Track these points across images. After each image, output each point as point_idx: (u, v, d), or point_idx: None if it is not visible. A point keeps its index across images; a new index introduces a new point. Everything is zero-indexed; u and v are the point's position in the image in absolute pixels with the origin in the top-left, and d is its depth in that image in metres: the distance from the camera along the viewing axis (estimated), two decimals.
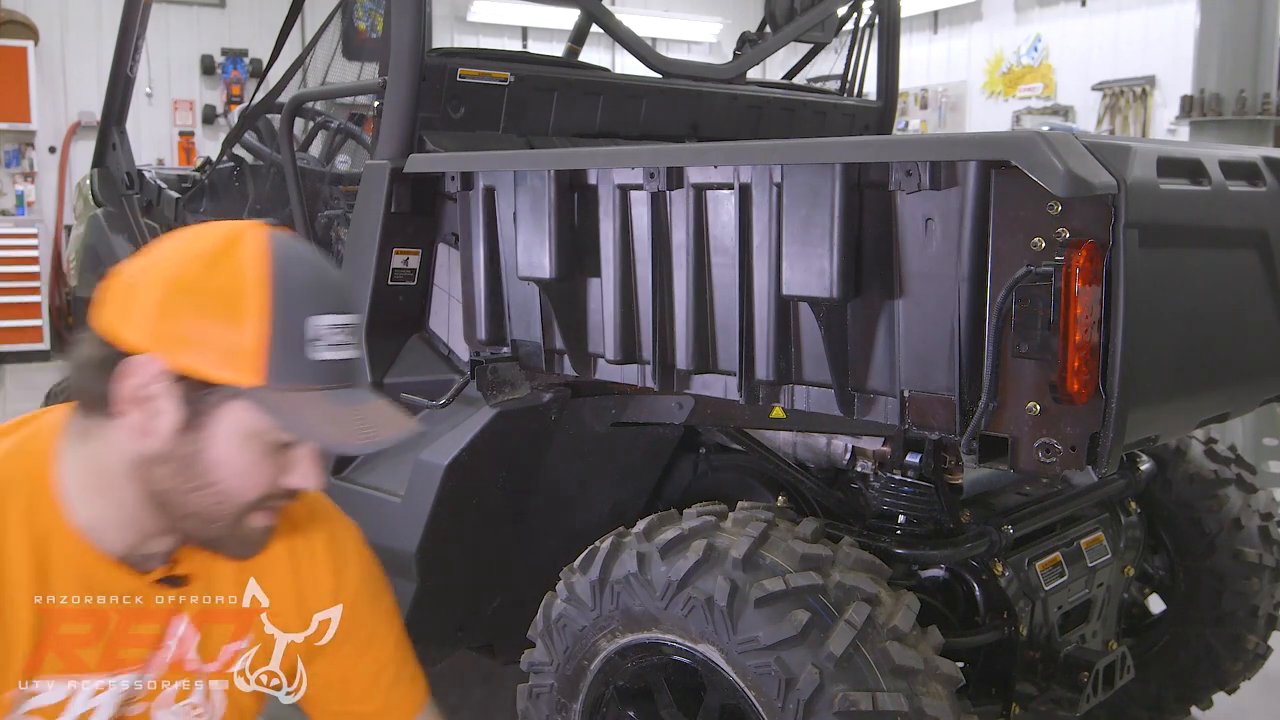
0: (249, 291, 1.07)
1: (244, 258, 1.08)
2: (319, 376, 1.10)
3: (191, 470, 1.10)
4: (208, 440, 1.09)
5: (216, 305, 1.07)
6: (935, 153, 1.50)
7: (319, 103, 2.95)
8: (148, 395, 1.07)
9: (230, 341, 1.06)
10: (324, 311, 1.10)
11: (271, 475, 1.13)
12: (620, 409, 2.19)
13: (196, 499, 1.12)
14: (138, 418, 1.08)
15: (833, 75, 3.33)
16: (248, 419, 1.09)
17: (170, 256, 1.11)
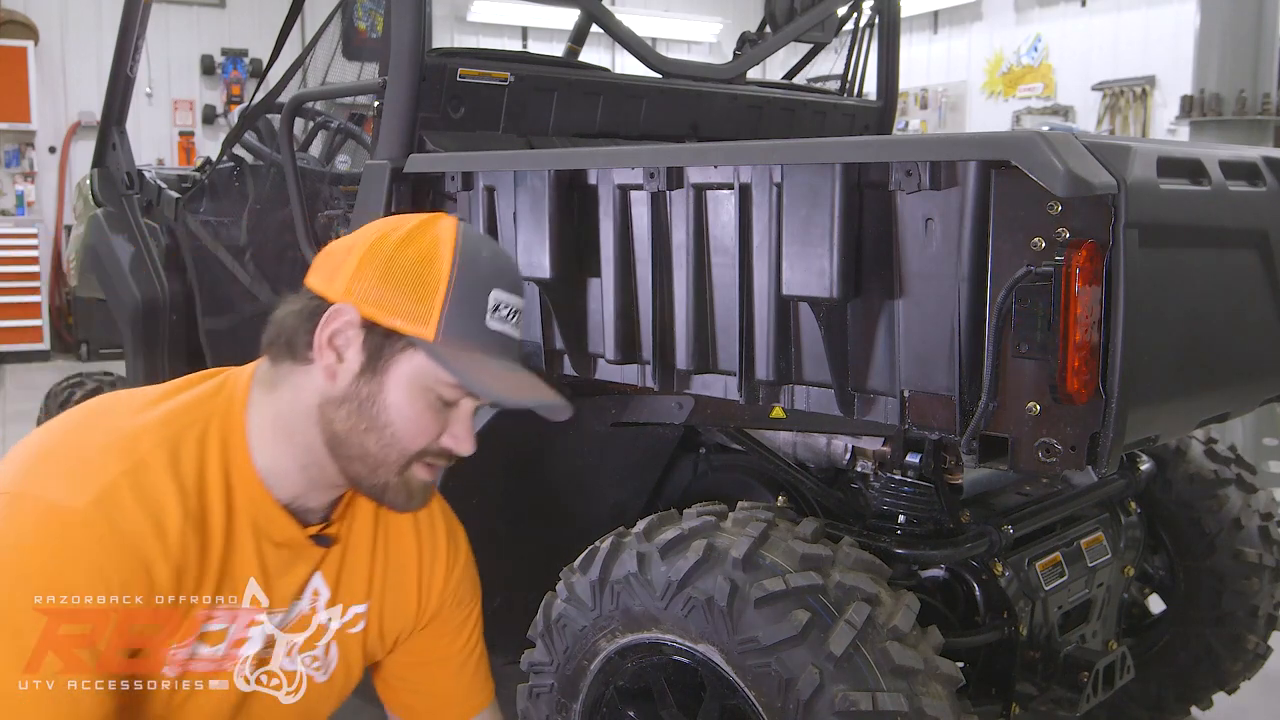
0: (436, 260, 1.23)
1: (436, 234, 1.25)
2: (488, 343, 1.25)
3: (367, 412, 1.24)
4: (384, 385, 1.24)
5: (407, 269, 1.22)
6: (935, 153, 1.50)
7: (319, 103, 2.95)
8: (340, 339, 1.23)
9: (414, 300, 1.22)
10: (503, 288, 1.27)
11: (435, 429, 1.27)
12: (620, 409, 2.19)
13: (368, 440, 1.25)
14: (329, 359, 1.23)
15: (833, 75, 3.33)
16: (421, 368, 1.23)
17: (373, 230, 1.27)
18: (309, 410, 1.26)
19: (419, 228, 1.26)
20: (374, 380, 1.24)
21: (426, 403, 1.25)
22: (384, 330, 1.22)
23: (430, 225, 1.26)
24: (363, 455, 1.26)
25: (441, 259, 1.23)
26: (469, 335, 1.24)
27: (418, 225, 1.26)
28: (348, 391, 1.24)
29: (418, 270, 1.23)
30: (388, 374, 1.24)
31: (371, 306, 1.22)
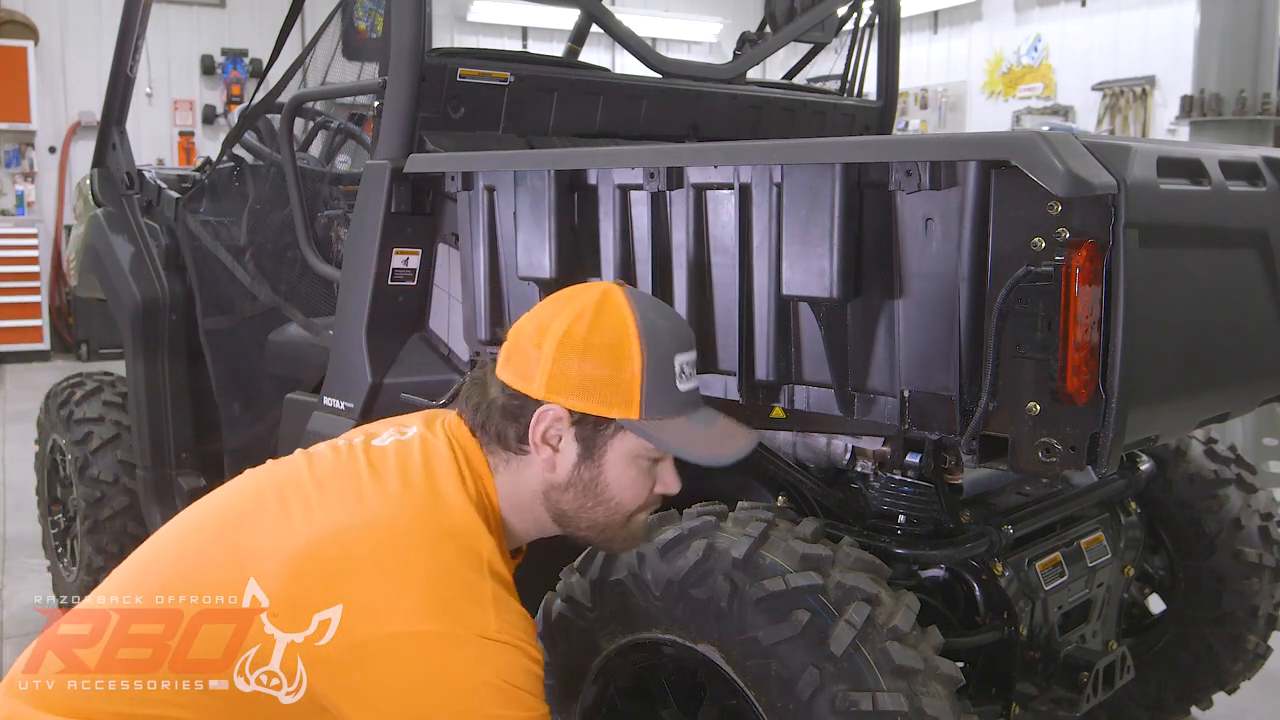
0: (625, 341, 1.34)
1: (616, 314, 1.35)
2: (683, 404, 1.38)
3: (590, 492, 1.39)
4: (602, 467, 1.37)
5: (602, 356, 1.34)
6: (935, 153, 1.50)
7: (319, 103, 2.95)
8: (553, 437, 1.36)
9: (615, 384, 1.33)
10: (682, 350, 1.39)
11: (649, 486, 1.42)
12: None
13: (596, 513, 1.40)
14: (546, 454, 1.37)
15: (833, 75, 3.33)
16: (632, 445, 1.37)
17: (557, 317, 1.37)
18: (534, 494, 1.40)
19: (600, 311, 1.35)
20: (592, 465, 1.37)
21: (640, 470, 1.39)
22: (593, 420, 1.35)
23: (608, 305, 1.36)
24: (591, 525, 1.42)
25: (629, 339, 1.34)
26: (668, 404, 1.36)
27: (597, 307, 1.35)
28: (570, 479, 1.38)
29: (612, 356, 1.33)
30: (604, 457, 1.37)
31: (578, 400, 1.34)
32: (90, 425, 3.30)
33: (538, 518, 1.43)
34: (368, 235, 2.22)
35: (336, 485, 1.35)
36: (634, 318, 1.35)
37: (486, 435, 1.41)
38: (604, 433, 1.35)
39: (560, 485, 1.38)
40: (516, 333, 1.41)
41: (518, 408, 1.36)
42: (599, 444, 1.36)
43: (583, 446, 1.36)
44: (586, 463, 1.36)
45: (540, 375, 1.34)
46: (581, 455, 1.36)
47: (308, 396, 2.49)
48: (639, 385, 1.33)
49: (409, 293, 2.29)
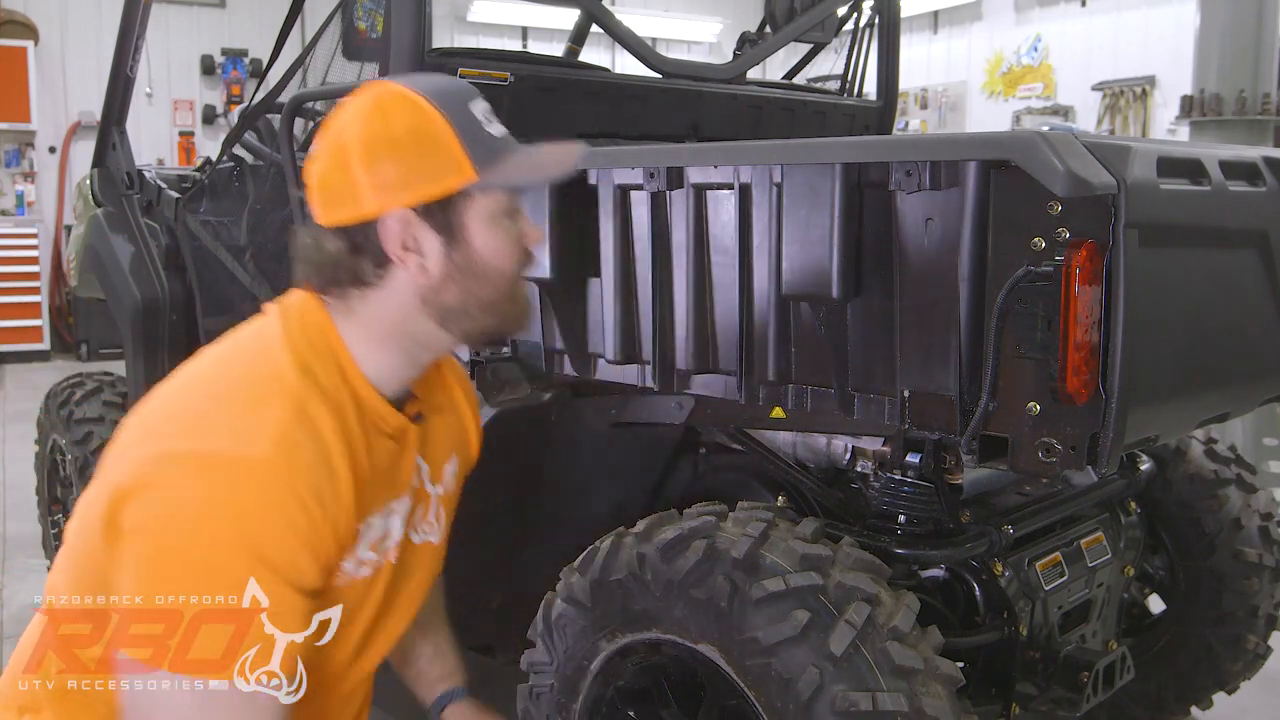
0: (422, 115, 1.26)
1: (396, 97, 1.28)
2: (503, 146, 1.31)
3: (470, 272, 1.30)
4: (470, 242, 1.29)
5: (411, 140, 1.25)
6: (935, 153, 1.50)
7: (319, 103, 2.95)
8: (410, 240, 1.27)
9: (438, 158, 1.26)
10: (471, 100, 1.31)
11: (518, 242, 1.35)
12: (620, 409, 2.19)
13: (484, 291, 1.32)
14: (414, 261, 1.28)
15: (833, 75, 3.33)
16: (485, 206, 1.29)
17: (344, 134, 1.28)
18: (412, 309, 1.31)
19: (380, 105, 1.28)
20: (460, 245, 1.29)
21: (501, 227, 1.32)
22: (439, 203, 1.27)
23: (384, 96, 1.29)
24: (482, 306, 1.33)
25: (423, 110, 1.26)
26: (491, 151, 1.29)
27: (376, 104, 1.28)
28: (445, 270, 1.29)
29: (419, 136, 1.26)
30: (468, 232, 1.29)
31: (413, 193, 1.26)
32: (90, 425, 3.30)
33: (419, 337, 1.34)
34: None
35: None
36: (413, 92, 1.28)
37: (340, 287, 1.32)
38: (455, 209, 1.28)
39: (438, 284, 1.30)
40: (317, 177, 1.32)
41: (361, 238, 1.28)
42: (456, 222, 1.29)
43: (443, 234, 1.28)
44: (454, 246, 1.29)
45: (365, 193, 1.26)
46: (446, 242, 1.29)
47: None
48: (459, 146, 1.26)
49: None
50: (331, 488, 1.22)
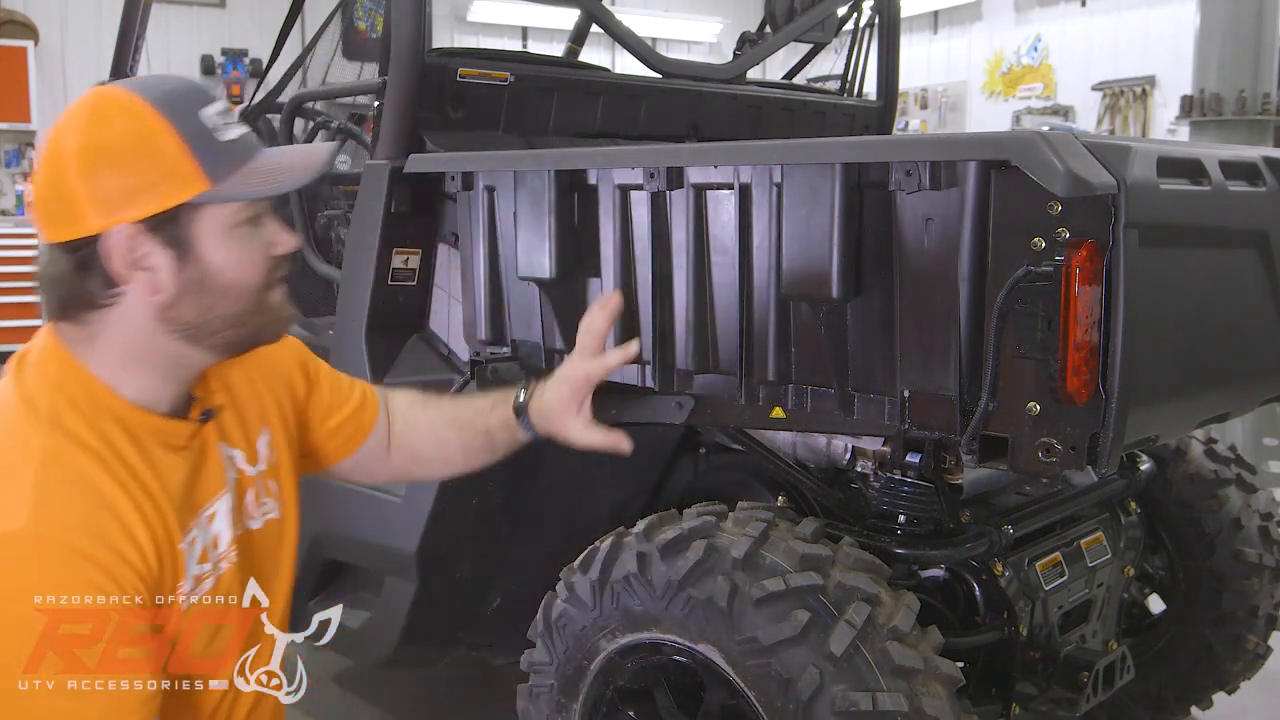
0: (145, 122, 1.16)
1: (116, 102, 1.18)
2: (239, 153, 1.22)
3: (206, 288, 1.21)
4: (203, 256, 1.20)
5: (132, 150, 1.15)
6: (935, 153, 1.50)
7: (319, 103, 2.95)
8: (137, 257, 1.17)
9: (162, 169, 1.16)
10: (204, 103, 1.21)
11: (261, 252, 1.26)
12: (620, 409, 2.19)
13: (223, 306, 1.23)
14: (142, 278, 1.18)
15: (833, 75, 3.34)
16: (218, 218, 1.20)
17: (61, 145, 1.18)
18: (150, 328, 1.22)
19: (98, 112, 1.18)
20: (192, 261, 1.20)
21: (242, 239, 1.23)
22: (164, 215, 1.17)
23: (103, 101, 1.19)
24: (226, 320, 1.25)
25: (147, 117, 1.16)
26: (224, 160, 1.19)
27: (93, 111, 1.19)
28: (179, 287, 1.20)
29: (140, 145, 1.16)
30: (199, 245, 1.20)
31: (137, 207, 1.16)
32: None
33: (170, 354, 1.25)
34: (368, 235, 2.22)
35: None
36: (136, 96, 1.17)
37: (76, 311, 1.23)
38: (184, 222, 1.18)
39: (172, 300, 1.20)
40: (36, 194, 1.22)
41: (85, 256, 1.18)
42: (186, 236, 1.18)
43: (173, 249, 1.18)
44: (186, 262, 1.19)
45: (85, 208, 1.15)
46: (177, 257, 1.18)
47: None
48: (186, 155, 1.16)
49: (409, 293, 2.29)
50: (120, 529, 1.14)
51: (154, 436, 1.24)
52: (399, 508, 2.13)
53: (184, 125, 1.17)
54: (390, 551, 2.16)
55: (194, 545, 1.26)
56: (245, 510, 1.39)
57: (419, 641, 2.26)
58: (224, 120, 1.22)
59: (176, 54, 9.33)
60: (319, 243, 2.64)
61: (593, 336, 1.61)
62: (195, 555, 1.26)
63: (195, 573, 1.26)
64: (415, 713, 2.92)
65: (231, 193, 1.20)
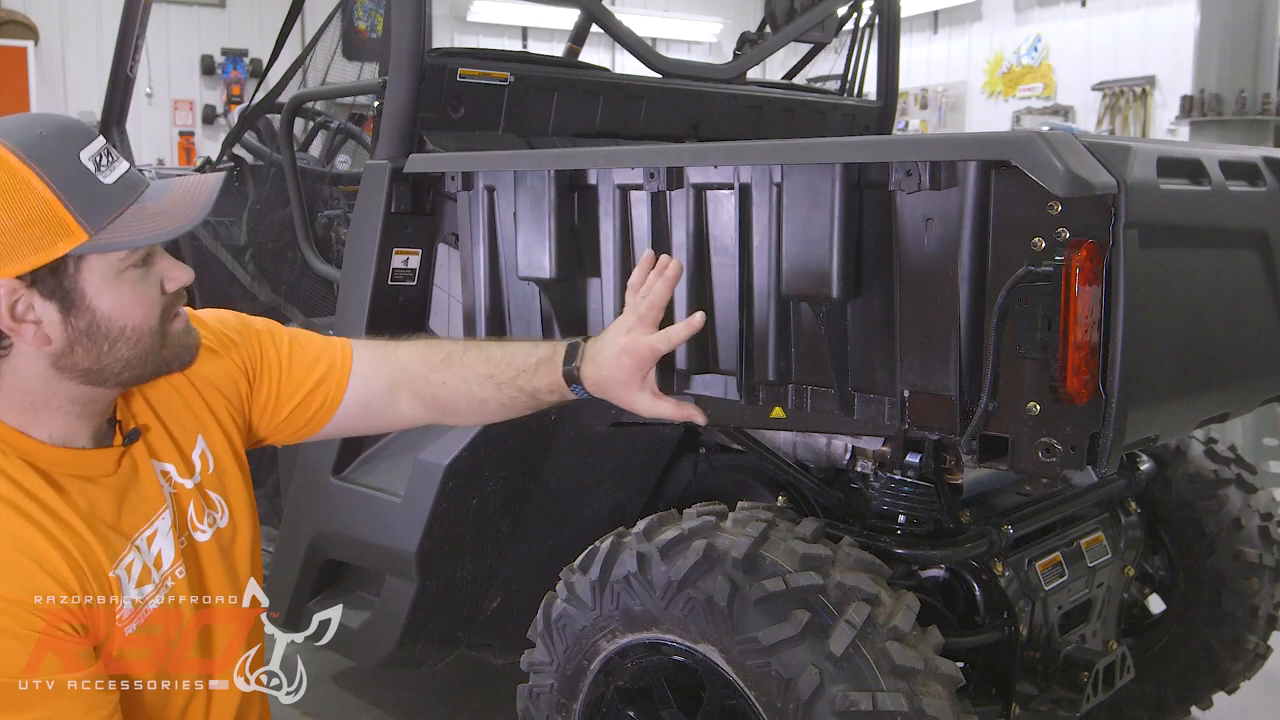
0: (15, 178, 1.12)
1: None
2: (122, 195, 1.18)
3: (98, 336, 1.20)
4: (91, 306, 1.18)
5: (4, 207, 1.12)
6: (935, 153, 1.50)
7: (319, 103, 2.95)
8: (22, 310, 1.16)
9: (36, 223, 1.13)
10: (80, 146, 1.17)
11: (154, 291, 1.24)
12: (620, 409, 2.19)
13: (119, 350, 1.21)
14: (30, 331, 1.17)
15: (833, 75, 3.34)
16: (103, 266, 1.18)
17: None
18: (46, 376, 1.21)
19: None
20: (79, 311, 1.18)
21: (131, 282, 1.21)
22: (46, 269, 1.15)
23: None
24: (126, 363, 1.23)
25: (17, 171, 1.13)
26: (105, 205, 1.17)
27: None
28: (69, 337, 1.19)
29: (14, 200, 1.12)
30: (85, 295, 1.18)
31: (13, 263, 1.13)
32: None
33: (73, 397, 1.23)
34: (368, 235, 2.22)
35: None
36: (6, 149, 1.13)
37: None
38: (66, 274, 1.16)
39: (65, 349, 1.19)
40: None
41: None
42: (70, 288, 1.16)
43: (57, 301, 1.16)
44: (72, 313, 1.17)
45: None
46: (62, 309, 1.17)
47: None
48: (61, 206, 1.13)
49: (409, 293, 2.29)
50: (41, 571, 1.14)
51: (71, 472, 1.23)
52: (399, 508, 2.13)
53: (57, 173, 1.14)
54: (390, 551, 2.16)
55: (130, 570, 1.24)
56: (189, 523, 1.37)
57: (419, 641, 2.26)
58: (106, 160, 1.19)
59: (176, 54, 9.33)
60: (319, 243, 2.64)
61: (653, 309, 1.52)
62: (133, 580, 1.25)
63: (134, 597, 1.25)
64: (415, 713, 2.92)
65: (112, 242, 1.17)
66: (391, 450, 2.27)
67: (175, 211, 1.24)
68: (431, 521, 2.07)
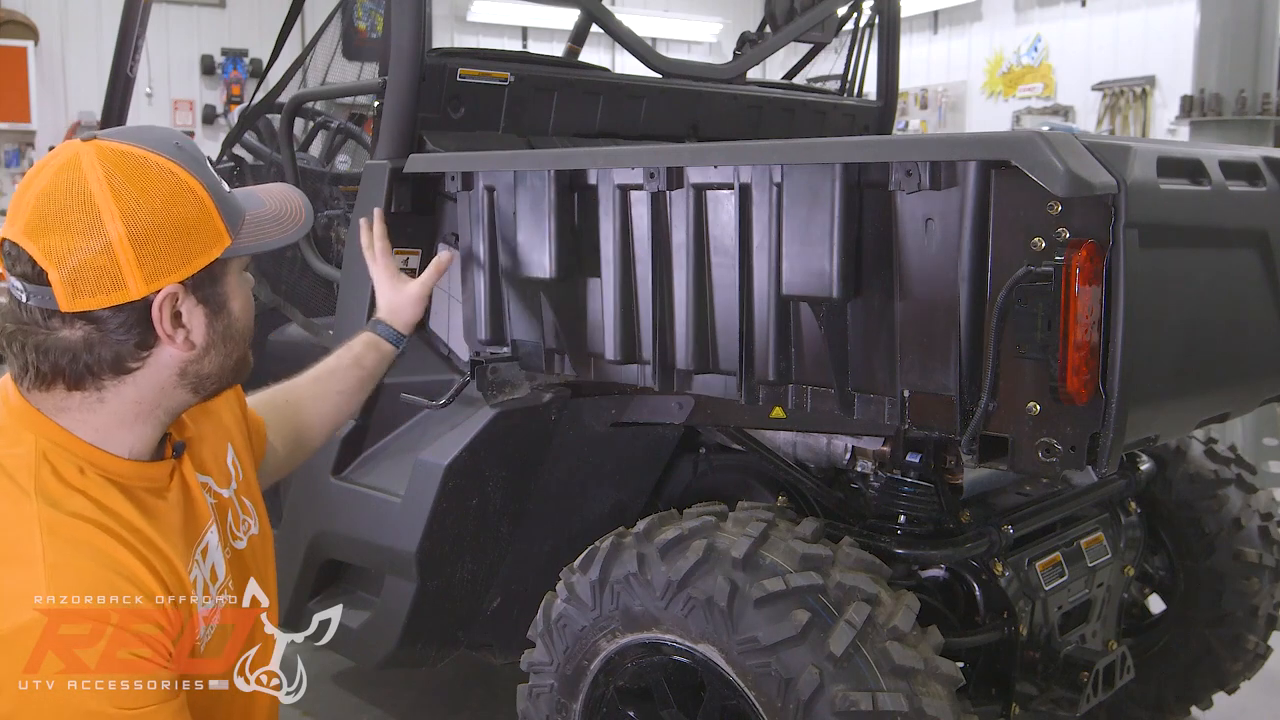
0: (172, 177, 1.19)
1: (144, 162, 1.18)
2: (241, 205, 1.27)
3: (228, 338, 1.27)
4: (229, 308, 1.27)
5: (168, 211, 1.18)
6: (935, 153, 1.50)
7: (319, 103, 2.95)
8: (182, 317, 1.21)
9: (198, 226, 1.20)
10: (203, 156, 1.26)
11: (251, 296, 1.33)
12: (620, 409, 2.19)
13: (236, 353, 1.29)
14: (180, 337, 1.21)
15: (833, 75, 3.34)
16: (235, 269, 1.27)
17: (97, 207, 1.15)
18: (166, 385, 1.24)
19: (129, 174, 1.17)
20: (223, 314, 1.26)
21: (244, 285, 1.30)
22: (204, 272, 1.21)
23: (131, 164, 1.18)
24: (231, 368, 1.29)
25: (180, 178, 1.19)
26: (236, 212, 1.25)
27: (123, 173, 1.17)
28: (208, 340, 1.24)
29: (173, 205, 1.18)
30: (228, 299, 1.26)
31: (181, 267, 1.19)
32: None
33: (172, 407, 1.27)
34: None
35: None
36: (150, 151, 1.19)
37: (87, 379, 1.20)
38: (218, 277, 1.24)
39: (201, 355, 1.24)
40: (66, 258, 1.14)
41: (126, 322, 1.17)
42: (219, 290, 1.24)
43: (208, 305, 1.23)
44: (218, 315, 1.25)
45: (130, 273, 1.15)
46: (210, 312, 1.23)
47: None
48: (216, 212, 1.21)
49: None
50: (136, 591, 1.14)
51: (145, 485, 1.25)
52: (399, 508, 2.13)
53: (208, 181, 1.22)
54: (390, 551, 2.16)
55: (197, 584, 1.26)
56: (230, 534, 1.39)
57: (419, 641, 2.26)
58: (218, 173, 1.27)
59: (176, 54, 9.33)
60: (319, 243, 2.64)
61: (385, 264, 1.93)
62: (199, 590, 1.26)
63: (204, 613, 1.26)
64: (415, 713, 2.92)
65: (249, 246, 1.25)
66: (391, 450, 2.27)
67: (282, 219, 1.32)
68: (431, 521, 2.07)
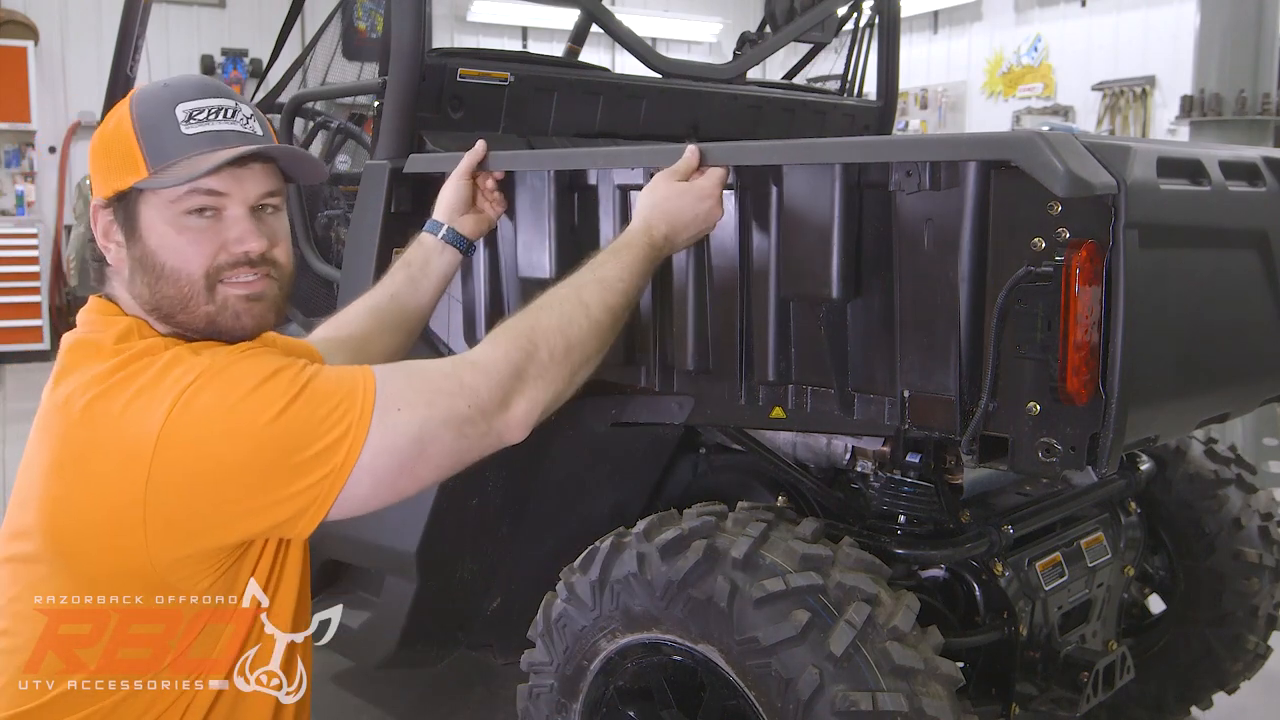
0: (122, 118, 1.33)
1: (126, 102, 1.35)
2: (197, 146, 1.30)
3: (148, 268, 1.32)
4: (143, 237, 1.32)
5: (110, 141, 1.33)
6: (935, 153, 1.50)
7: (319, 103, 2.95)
8: (106, 230, 1.36)
9: (120, 158, 1.31)
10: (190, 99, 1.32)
11: (209, 245, 1.32)
12: (620, 409, 2.19)
13: (166, 288, 1.32)
14: (111, 251, 1.36)
15: (833, 75, 3.34)
16: (156, 202, 1.31)
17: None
18: (135, 305, 1.36)
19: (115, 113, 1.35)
20: (136, 240, 1.32)
21: (183, 226, 1.31)
22: (118, 196, 1.32)
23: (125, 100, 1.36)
24: (172, 303, 1.32)
25: (124, 115, 1.33)
26: (173, 151, 1.30)
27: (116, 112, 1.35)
28: (130, 264, 1.34)
29: (115, 136, 1.32)
30: (140, 227, 1.32)
31: (103, 186, 1.34)
32: None
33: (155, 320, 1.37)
34: (368, 235, 2.22)
35: None
36: (131, 96, 1.35)
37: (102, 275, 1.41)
38: (130, 204, 1.32)
39: (130, 276, 1.35)
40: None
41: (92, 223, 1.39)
42: (131, 217, 1.32)
43: (123, 227, 1.34)
44: (131, 241, 1.33)
45: (95, 182, 1.37)
46: (126, 235, 1.34)
47: None
48: (137, 145, 1.30)
49: None
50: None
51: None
52: (399, 508, 2.12)
53: (145, 116, 1.31)
54: (390, 551, 2.16)
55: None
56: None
57: (419, 641, 2.26)
58: (200, 115, 1.31)
59: (176, 54, 9.33)
60: (319, 243, 2.64)
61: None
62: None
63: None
64: (415, 713, 2.92)
65: (162, 180, 1.29)
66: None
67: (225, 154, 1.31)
68: (431, 521, 2.07)
